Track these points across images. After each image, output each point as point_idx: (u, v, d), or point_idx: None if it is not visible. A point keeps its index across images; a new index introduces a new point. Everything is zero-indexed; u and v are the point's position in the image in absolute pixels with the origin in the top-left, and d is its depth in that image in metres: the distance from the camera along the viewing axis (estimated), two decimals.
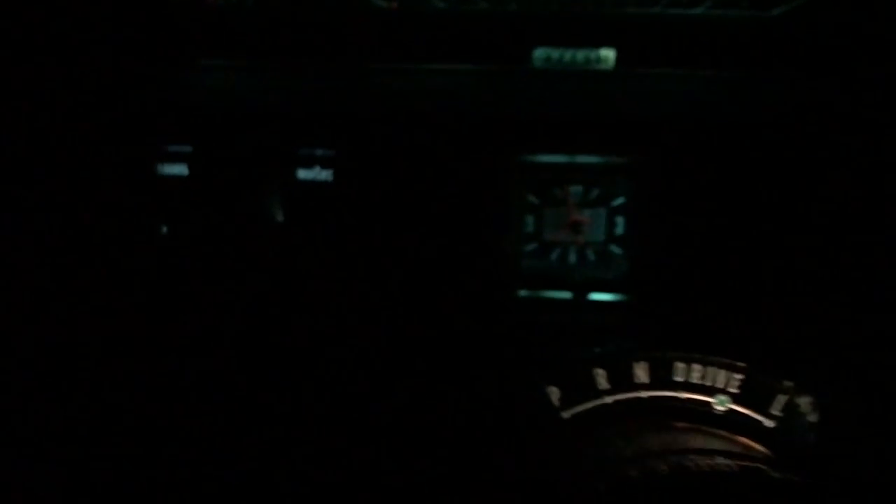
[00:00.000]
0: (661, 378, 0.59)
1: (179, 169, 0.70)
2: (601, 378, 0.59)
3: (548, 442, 0.57)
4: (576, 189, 0.73)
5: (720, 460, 0.48)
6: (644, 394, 0.59)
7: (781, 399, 0.59)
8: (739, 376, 0.59)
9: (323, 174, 0.70)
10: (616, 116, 0.73)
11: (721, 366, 0.59)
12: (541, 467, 0.56)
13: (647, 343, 0.63)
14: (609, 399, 0.59)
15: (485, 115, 0.72)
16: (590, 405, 0.59)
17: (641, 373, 0.59)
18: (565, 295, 0.72)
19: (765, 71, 0.72)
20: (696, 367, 0.59)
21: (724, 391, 0.60)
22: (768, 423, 0.59)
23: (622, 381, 0.59)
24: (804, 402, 0.58)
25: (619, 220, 0.73)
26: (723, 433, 0.57)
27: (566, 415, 0.59)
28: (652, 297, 0.71)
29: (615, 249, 0.73)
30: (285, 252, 0.71)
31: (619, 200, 0.73)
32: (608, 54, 0.74)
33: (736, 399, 0.59)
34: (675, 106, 0.73)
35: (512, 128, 0.72)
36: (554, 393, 0.59)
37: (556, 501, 0.50)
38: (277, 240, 0.70)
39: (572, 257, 0.74)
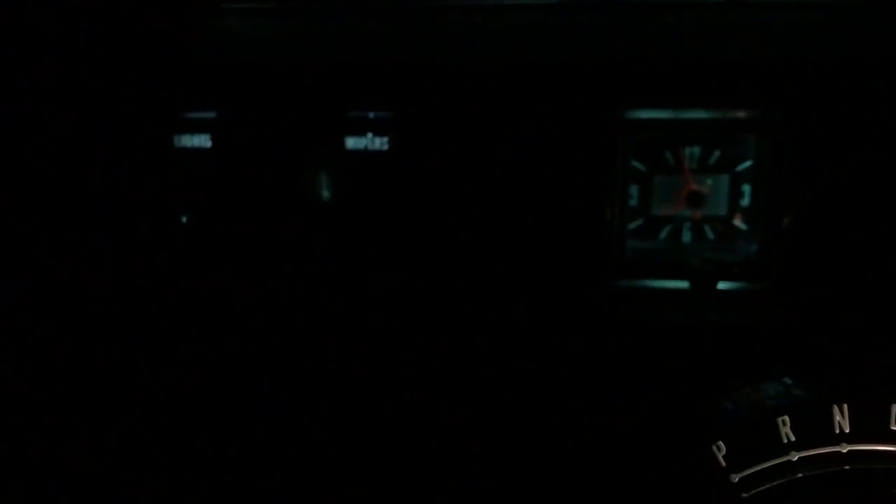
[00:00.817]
0: (871, 426, 0.45)
1: (201, 140, 0.56)
2: (784, 426, 0.45)
3: None
4: (692, 151, 0.58)
5: None
6: (846, 448, 0.45)
7: None
8: None
9: (377, 142, 0.56)
10: (737, 58, 0.58)
11: None
12: None
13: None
14: (795, 456, 0.45)
15: (576, 61, 0.58)
16: (769, 464, 0.44)
17: (841, 418, 0.45)
18: (681, 284, 0.58)
19: None
20: None
21: None
22: None
23: (814, 429, 0.45)
24: None
25: (746, 189, 0.59)
26: None
27: (736, 478, 0.45)
28: (791, 284, 0.57)
29: (741, 225, 0.59)
30: (333, 239, 0.57)
31: (746, 164, 0.58)
32: None
33: None
34: (810, 43, 0.58)
35: (610, 77, 0.57)
36: (720, 449, 0.45)
37: None
38: (323, 225, 0.56)
39: (687, 236, 0.60)
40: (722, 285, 0.58)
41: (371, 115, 0.57)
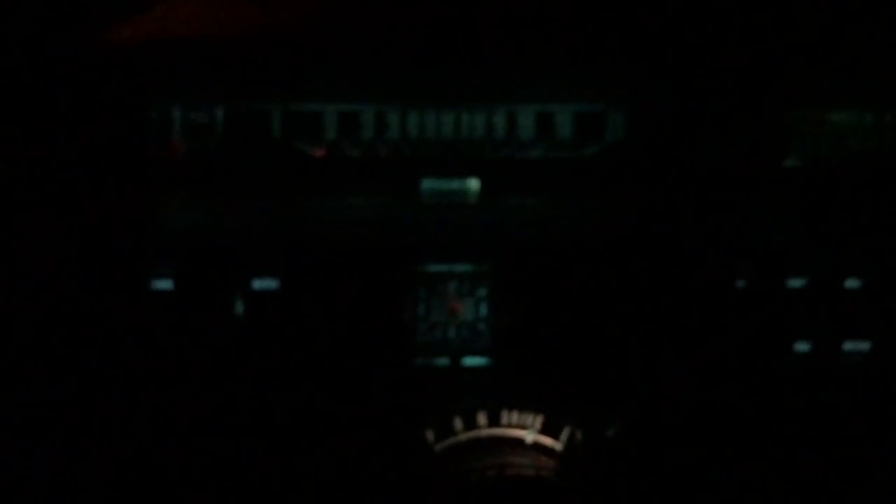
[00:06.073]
0: (494, 420, 0.95)
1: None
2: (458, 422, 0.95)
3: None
4: (452, 286, 1.03)
5: (527, 471, 0.85)
6: (484, 433, 0.94)
7: (567, 431, 0.95)
8: (541, 418, 0.95)
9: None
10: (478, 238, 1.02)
11: (529, 411, 0.95)
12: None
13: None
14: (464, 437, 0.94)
15: (385, 239, 1.01)
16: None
17: (482, 418, 0.95)
18: (444, 361, 1.03)
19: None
20: (514, 413, 0.95)
21: (531, 427, 0.95)
22: (558, 448, 0.93)
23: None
24: (579, 435, 0.95)
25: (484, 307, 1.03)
26: (533, 455, 0.92)
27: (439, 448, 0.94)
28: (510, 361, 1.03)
29: (482, 326, 1.05)
30: None
31: (483, 292, 1.03)
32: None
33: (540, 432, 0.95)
34: (521, 229, 1.02)
35: (407, 249, 1.00)
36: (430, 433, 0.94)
37: None
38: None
39: (452, 332, 1.05)
40: (468, 362, 1.04)
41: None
